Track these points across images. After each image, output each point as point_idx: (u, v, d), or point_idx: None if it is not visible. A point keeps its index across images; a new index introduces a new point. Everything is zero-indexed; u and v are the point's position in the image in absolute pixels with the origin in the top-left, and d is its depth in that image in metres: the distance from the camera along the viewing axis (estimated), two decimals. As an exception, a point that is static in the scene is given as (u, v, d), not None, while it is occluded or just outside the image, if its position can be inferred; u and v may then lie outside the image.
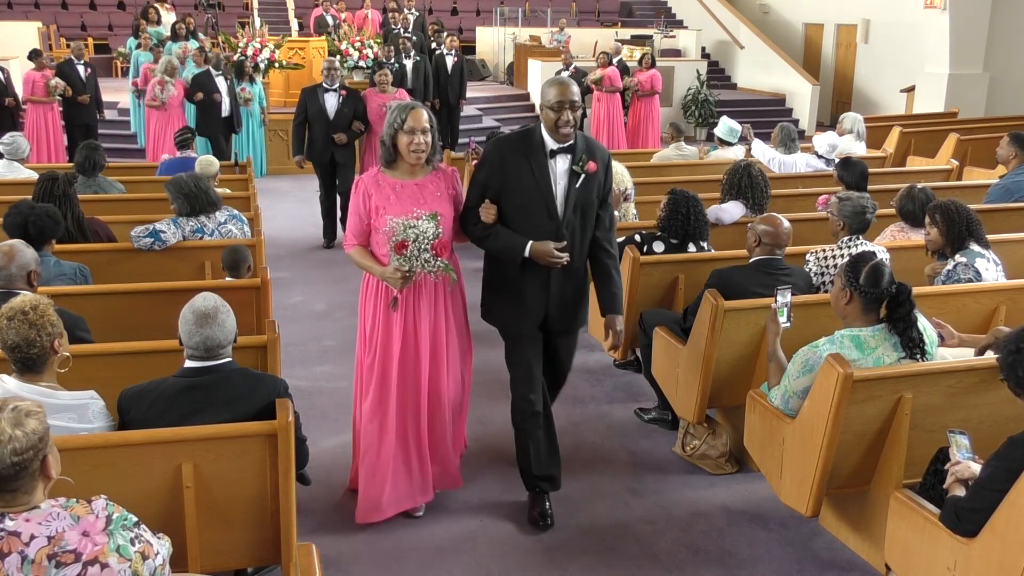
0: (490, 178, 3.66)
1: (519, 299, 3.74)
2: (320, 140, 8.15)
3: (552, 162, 3.61)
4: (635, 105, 12.72)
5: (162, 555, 2.11)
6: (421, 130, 3.56)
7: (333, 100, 8.17)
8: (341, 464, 4.39)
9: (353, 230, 3.73)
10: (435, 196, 3.67)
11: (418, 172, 3.67)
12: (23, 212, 4.11)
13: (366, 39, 13.18)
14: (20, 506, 1.99)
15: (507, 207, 3.64)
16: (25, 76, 10.66)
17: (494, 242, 3.67)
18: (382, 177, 3.67)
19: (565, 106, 3.53)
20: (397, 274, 3.52)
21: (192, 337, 2.86)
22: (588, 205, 3.69)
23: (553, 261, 3.58)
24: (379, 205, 3.62)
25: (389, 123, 3.58)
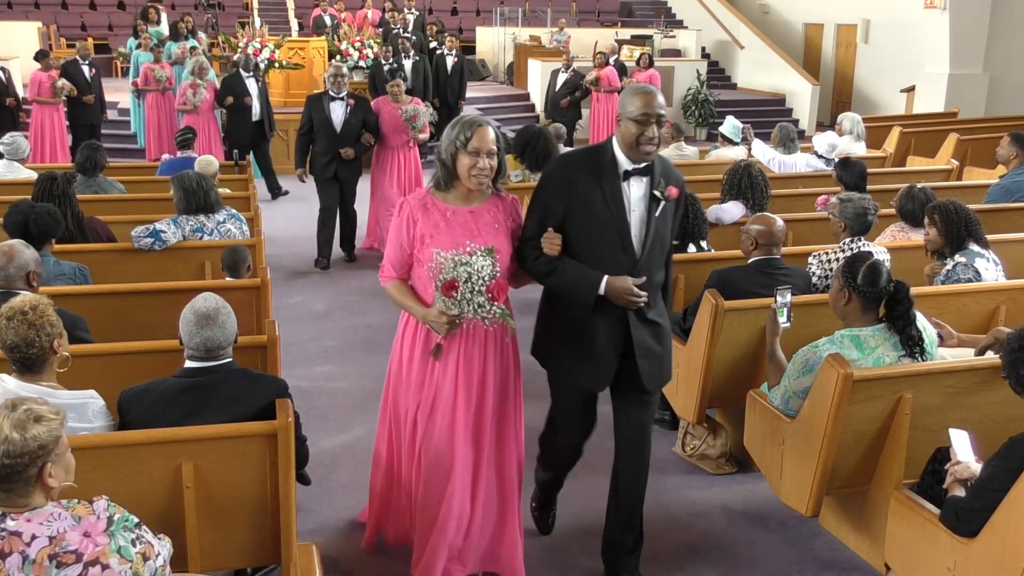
0: (553, 202, 3.13)
1: (589, 348, 3.18)
2: (324, 153, 7.46)
3: (626, 185, 3.10)
4: None
5: (163, 556, 2.11)
6: (487, 152, 3.05)
7: (340, 110, 7.42)
8: (341, 464, 4.40)
9: (392, 260, 3.22)
10: (491, 228, 3.15)
11: (474, 198, 3.16)
12: (23, 211, 4.12)
13: (366, 39, 13.18)
14: (18, 507, 1.99)
15: (573, 238, 3.12)
16: (31, 76, 10.65)
17: (560, 278, 3.13)
18: (431, 200, 3.15)
19: (651, 120, 3.00)
20: (442, 318, 3.01)
21: (193, 338, 2.86)
22: (664, 238, 3.21)
23: (632, 300, 3.08)
24: (425, 234, 3.10)
25: (450, 139, 3.08)
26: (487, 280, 2.98)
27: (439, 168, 3.16)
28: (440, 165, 3.15)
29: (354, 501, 4.05)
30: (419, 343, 3.23)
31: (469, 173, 3.06)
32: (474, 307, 2.98)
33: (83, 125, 10.76)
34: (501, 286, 3.08)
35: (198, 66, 10.07)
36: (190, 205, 5.00)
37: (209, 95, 10.04)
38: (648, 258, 3.13)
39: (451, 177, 3.13)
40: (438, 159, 3.16)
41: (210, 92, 10.06)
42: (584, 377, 3.26)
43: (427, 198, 3.18)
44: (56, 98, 10.47)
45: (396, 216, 3.19)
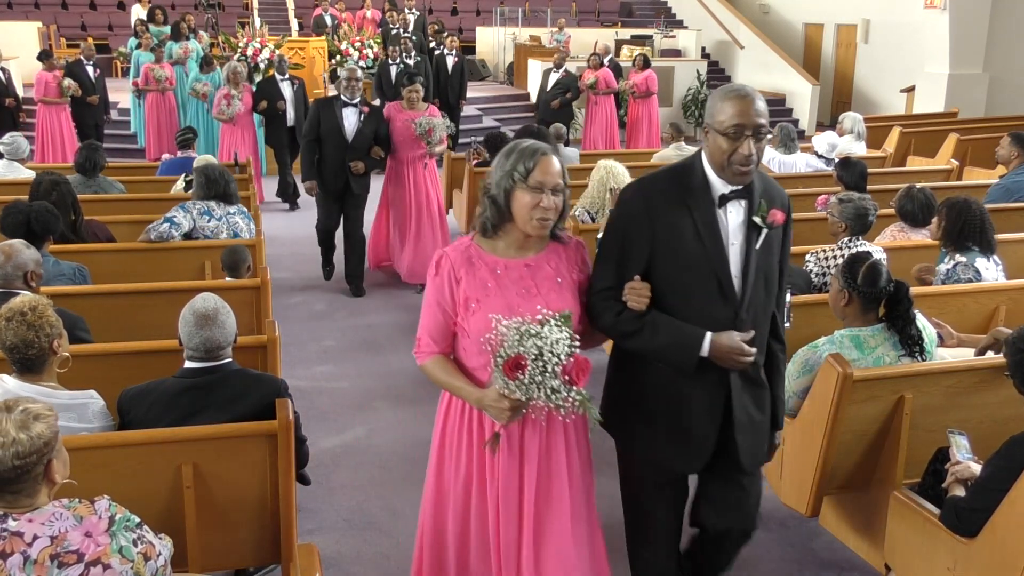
0: (634, 241, 2.50)
1: (679, 420, 2.58)
2: (332, 164, 6.63)
3: (721, 212, 2.50)
4: (632, 106, 12.65)
5: (164, 556, 2.11)
6: (553, 187, 2.42)
7: (353, 118, 6.60)
8: (341, 464, 4.40)
9: (431, 330, 2.59)
10: (553, 283, 2.52)
11: (531, 246, 2.53)
12: (23, 210, 4.12)
13: (366, 39, 13.17)
14: (22, 508, 1.99)
15: (659, 285, 2.50)
16: (36, 77, 10.65)
17: (650, 339, 2.49)
18: (477, 252, 2.52)
19: (747, 132, 2.38)
20: (503, 403, 2.35)
21: (192, 338, 2.86)
22: (770, 273, 2.60)
23: (741, 361, 2.49)
24: (471, 296, 2.48)
25: (505, 171, 2.46)
26: (564, 358, 2.31)
27: (486, 208, 2.51)
28: (489, 203, 2.50)
29: (354, 501, 4.06)
30: (470, 429, 2.58)
31: (530, 215, 2.43)
32: (546, 392, 2.31)
33: (88, 125, 10.78)
34: (581, 365, 2.35)
35: (232, 71, 9.50)
36: (209, 192, 5.14)
37: (245, 101, 9.53)
38: (752, 302, 2.52)
39: (502, 219, 2.49)
40: (485, 196, 2.51)
41: (247, 97, 9.58)
42: (672, 456, 2.63)
43: (471, 249, 2.53)
44: (62, 98, 10.47)
45: (433, 276, 2.55)
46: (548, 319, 2.37)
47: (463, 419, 2.60)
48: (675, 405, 2.57)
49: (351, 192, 6.75)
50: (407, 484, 4.21)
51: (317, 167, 6.68)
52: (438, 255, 2.57)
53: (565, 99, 12.00)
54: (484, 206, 2.52)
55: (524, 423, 2.49)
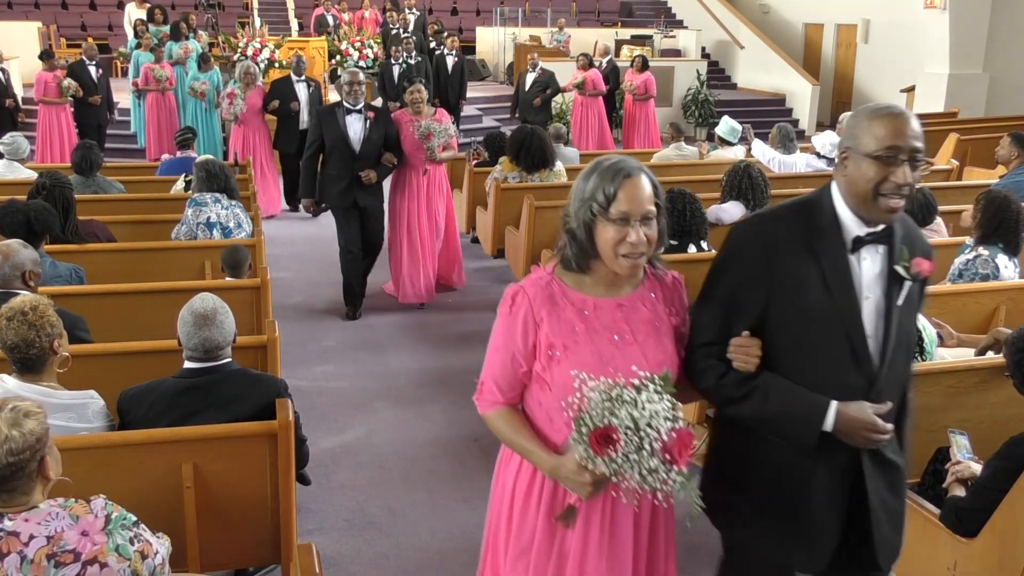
0: (747, 289, 2.11)
1: (797, 509, 2.15)
2: (340, 178, 6.13)
3: (854, 259, 2.08)
4: (629, 107, 12.54)
5: (161, 554, 2.11)
6: (642, 216, 2.02)
7: (358, 125, 6.09)
8: (341, 464, 4.40)
9: (497, 378, 2.18)
10: (650, 327, 2.13)
11: (624, 283, 2.14)
12: (22, 210, 4.12)
13: (366, 39, 13.17)
14: (18, 506, 1.99)
15: (777, 343, 2.11)
16: (36, 77, 10.64)
17: (761, 406, 2.10)
18: (561, 288, 2.13)
19: (902, 156, 1.98)
20: (584, 477, 1.98)
21: (191, 339, 2.86)
22: (911, 335, 2.21)
23: (874, 439, 2.06)
24: (556, 342, 2.08)
25: (583, 199, 2.06)
26: (665, 433, 1.91)
27: (565, 241, 2.13)
28: (568, 238, 2.11)
29: (354, 501, 4.06)
30: (540, 499, 2.18)
31: (615, 252, 2.03)
32: (641, 471, 1.92)
33: (90, 125, 10.76)
34: (684, 441, 1.95)
35: (244, 71, 9.28)
36: (211, 186, 5.24)
37: (254, 102, 9.27)
38: (891, 370, 2.10)
39: (587, 255, 2.09)
40: (564, 229, 2.14)
41: (257, 98, 9.32)
42: (788, 553, 2.19)
43: (553, 284, 2.13)
44: (62, 98, 10.47)
45: (506, 312, 2.15)
46: (646, 383, 1.94)
47: (534, 484, 2.19)
48: (791, 490, 2.14)
49: (362, 205, 6.23)
50: (407, 484, 4.21)
51: (324, 183, 6.26)
52: (513, 290, 2.15)
53: (546, 96, 11.85)
54: (564, 240, 2.14)
55: (610, 498, 2.09)
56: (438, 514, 3.96)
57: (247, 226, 5.31)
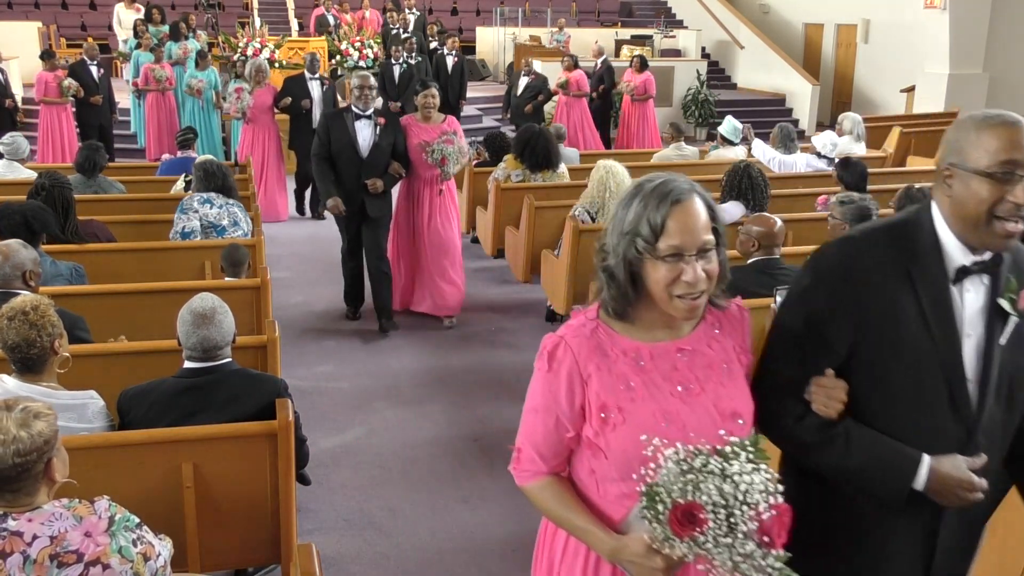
0: (830, 322, 1.83)
1: (873, 565, 1.93)
2: (346, 184, 5.89)
3: (956, 290, 1.82)
4: (627, 107, 12.44)
5: (163, 556, 2.11)
6: (699, 248, 1.69)
7: (367, 131, 5.84)
8: (341, 464, 4.40)
9: (537, 444, 1.84)
10: (720, 372, 1.80)
11: (682, 322, 1.80)
12: (19, 211, 4.12)
13: (366, 39, 13.18)
14: (22, 507, 1.99)
15: (864, 385, 1.83)
16: (37, 77, 10.63)
17: (843, 457, 1.83)
18: (608, 335, 1.79)
19: (1020, 173, 1.72)
20: (655, 562, 1.67)
21: (189, 337, 2.86)
22: (1018, 380, 1.87)
23: (967, 498, 1.80)
24: (609, 402, 1.75)
25: (625, 231, 1.73)
26: (764, 509, 1.59)
27: (603, 283, 1.80)
28: (605, 278, 1.79)
29: (354, 501, 4.06)
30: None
31: (669, 293, 1.70)
32: (733, 557, 1.59)
33: (92, 125, 10.75)
34: (783, 517, 1.61)
35: (256, 68, 9.06)
36: (208, 185, 5.24)
37: (264, 100, 9.05)
38: (991, 418, 1.84)
39: (626, 300, 1.76)
40: (601, 266, 1.80)
41: (267, 96, 9.10)
42: None
43: (599, 331, 1.79)
44: (63, 98, 10.47)
45: (545, 369, 1.81)
46: (737, 451, 1.63)
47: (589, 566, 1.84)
48: (867, 548, 1.89)
49: (370, 214, 5.96)
50: (407, 484, 4.21)
51: None
52: (552, 342, 1.81)
53: (537, 102, 11.76)
54: (600, 281, 1.80)
55: None
56: (438, 514, 3.96)
57: (244, 224, 5.30)
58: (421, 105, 6.02)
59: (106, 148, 10.49)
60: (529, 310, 6.58)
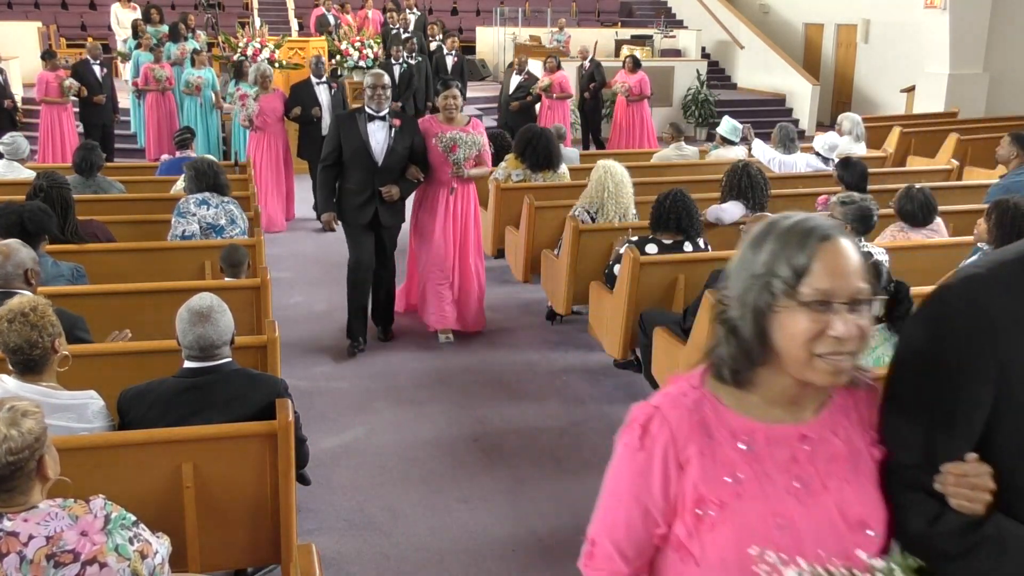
0: (963, 385, 1.45)
1: None
2: (359, 192, 5.51)
3: None
4: (625, 108, 12.30)
5: (161, 554, 2.11)
6: (851, 297, 1.38)
7: (381, 134, 5.45)
8: (341, 464, 4.40)
9: (618, 539, 1.55)
10: (848, 467, 1.47)
11: (807, 399, 1.48)
12: (16, 211, 4.11)
13: (366, 39, 13.18)
14: (17, 506, 1.99)
15: (1009, 463, 1.45)
16: (38, 76, 10.64)
17: (995, 566, 1.42)
18: (715, 409, 1.48)
19: None
20: None
21: (186, 336, 2.86)
22: None
23: None
24: (709, 495, 1.44)
25: (755, 273, 1.42)
26: None
27: (722, 340, 1.47)
28: (726, 334, 1.46)
29: (354, 501, 4.06)
30: None
31: (809, 351, 1.37)
32: None
33: (95, 125, 10.76)
34: None
35: (260, 74, 8.80)
36: (200, 184, 5.20)
37: (273, 106, 8.77)
38: None
39: (751, 360, 1.44)
40: (719, 321, 1.49)
41: (276, 102, 8.83)
42: None
43: (705, 404, 1.48)
44: (64, 98, 10.47)
45: (636, 446, 1.49)
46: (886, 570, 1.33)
47: None
48: None
49: (384, 223, 5.61)
50: (407, 484, 4.21)
51: (341, 197, 5.62)
52: (645, 412, 1.50)
53: (525, 102, 11.59)
54: (719, 337, 1.48)
55: None
56: (438, 514, 3.96)
57: (241, 221, 5.29)
58: (443, 106, 5.68)
59: (107, 148, 10.56)
60: (529, 310, 6.58)
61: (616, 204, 5.55)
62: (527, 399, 5.13)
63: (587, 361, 5.65)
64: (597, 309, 5.35)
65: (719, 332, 1.48)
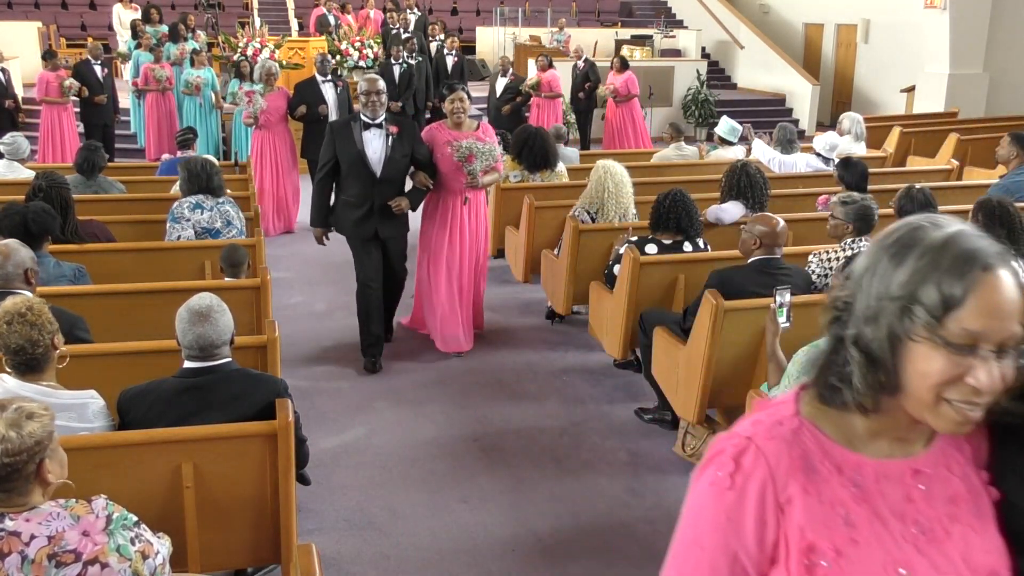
0: None
1: None
2: (358, 205, 5.20)
3: None
4: (615, 109, 12.17)
5: (162, 554, 2.11)
6: (998, 344, 1.15)
7: (378, 142, 5.13)
8: (341, 464, 4.40)
9: None
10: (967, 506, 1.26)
11: (917, 434, 1.27)
12: (20, 212, 4.12)
13: (366, 39, 13.17)
14: (17, 507, 1.99)
15: None
16: (39, 77, 10.65)
17: None
18: (816, 439, 1.26)
19: None
20: None
21: (186, 335, 2.86)
22: None
23: None
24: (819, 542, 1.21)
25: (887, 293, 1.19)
26: None
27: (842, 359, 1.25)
28: (858, 357, 1.22)
29: (354, 501, 4.06)
30: None
31: (937, 394, 1.18)
32: None
33: (96, 125, 10.75)
34: None
35: (266, 72, 8.58)
36: (193, 186, 5.17)
37: (277, 105, 8.56)
38: None
39: (884, 389, 1.21)
40: (842, 334, 1.25)
41: (280, 100, 8.63)
42: None
43: (804, 434, 1.27)
44: (64, 98, 10.46)
45: (725, 486, 1.25)
46: None
47: None
48: None
49: (386, 235, 5.31)
50: (407, 484, 4.21)
51: (339, 210, 5.31)
52: (735, 445, 1.27)
53: (516, 104, 11.55)
54: (847, 360, 1.24)
55: None
56: (438, 514, 3.96)
57: (238, 222, 5.27)
58: (450, 111, 5.32)
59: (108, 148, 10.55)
60: (529, 310, 6.58)
61: (616, 204, 5.55)
62: (527, 399, 5.13)
63: (587, 361, 5.65)
64: (597, 309, 5.36)
65: (852, 356, 1.22)
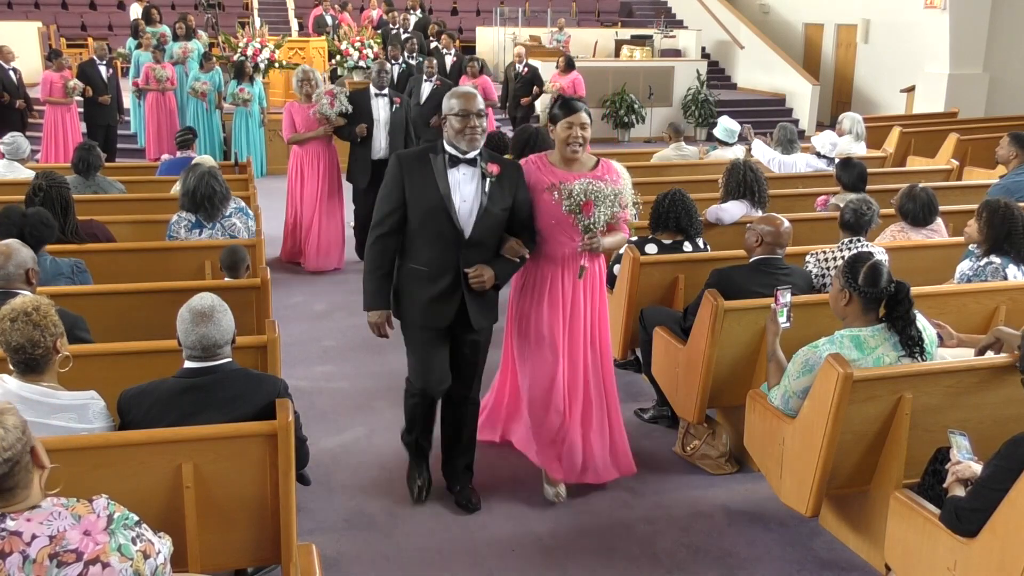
0: None
1: None
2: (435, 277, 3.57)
3: None
4: None
5: (163, 554, 2.11)
6: None
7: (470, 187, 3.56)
8: (341, 464, 4.40)
9: None
10: None
11: None
12: (16, 222, 4.10)
13: (366, 39, 13.18)
14: (20, 502, 1.99)
15: None
16: (43, 77, 10.67)
17: None
18: None
19: None
20: None
21: (188, 336, 2.86)
22: None
23: None
24: None
25: None
26: None
27: None
28: None
29: (354, 501, 4.06)
30: None
31: None
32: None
33: (100, 125, 10.76)
34: None
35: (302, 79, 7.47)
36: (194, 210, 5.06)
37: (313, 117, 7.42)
38: None
39: None
40: None
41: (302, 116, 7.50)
42: None
43: None
44: (68, 98, 10.46)
45: None
46: None
47: None
48: None
49: (467, 328, 3.70)
50: (407, 484, 4.20)
51: (404, 283, 3.71)
52: None
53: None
54: None
55: None
56: (438, 514, 3.96)
57: (246, 233, 5.18)
58: (563, 139, 3.68)
59: (110, 148, 10.55)
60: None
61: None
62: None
63: (587, 361, 5.65)
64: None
65: None
